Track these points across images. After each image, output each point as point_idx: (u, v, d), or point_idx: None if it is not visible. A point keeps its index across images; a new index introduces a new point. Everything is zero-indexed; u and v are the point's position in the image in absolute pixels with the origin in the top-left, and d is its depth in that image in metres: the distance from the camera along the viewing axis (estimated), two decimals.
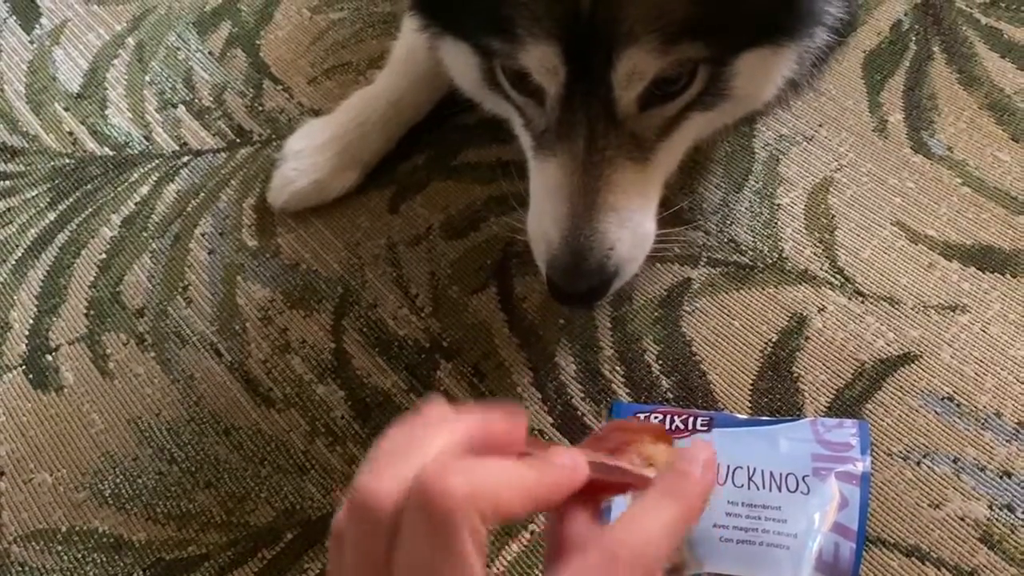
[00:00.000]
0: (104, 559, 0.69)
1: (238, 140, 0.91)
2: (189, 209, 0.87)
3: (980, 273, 0.71)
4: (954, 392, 0.66)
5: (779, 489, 0.62)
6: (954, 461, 0.63)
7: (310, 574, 0.66)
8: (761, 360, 0.70)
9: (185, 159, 0.90)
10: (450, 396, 0.72)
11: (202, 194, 0.87)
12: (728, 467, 0.63)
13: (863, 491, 0.61)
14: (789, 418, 0.66)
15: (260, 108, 0.92)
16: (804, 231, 0.76)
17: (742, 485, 0.62)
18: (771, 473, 0.62)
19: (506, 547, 0.65)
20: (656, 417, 0.67)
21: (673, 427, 0.66)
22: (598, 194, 0.59)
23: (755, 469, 0.63)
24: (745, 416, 0.67)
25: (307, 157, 0.83)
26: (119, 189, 0.89)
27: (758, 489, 0.62)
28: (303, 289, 0.80)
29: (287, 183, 0.82)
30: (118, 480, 0.72)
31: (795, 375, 0.69)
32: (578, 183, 0.59)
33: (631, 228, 0.61)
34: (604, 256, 0.60)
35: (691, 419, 0.66)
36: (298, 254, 0.82)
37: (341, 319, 0.77)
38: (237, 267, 0.82)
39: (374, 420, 0.72)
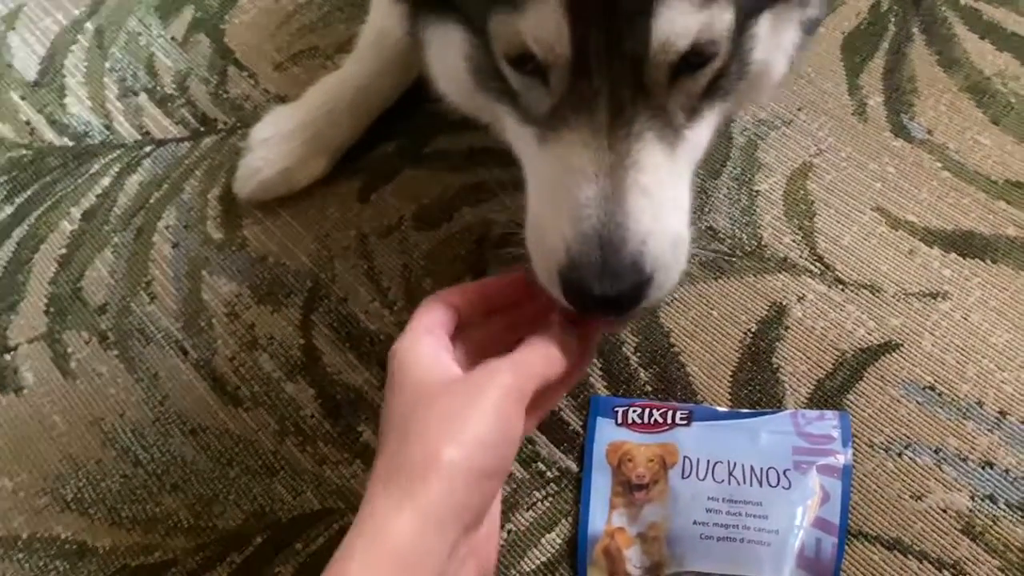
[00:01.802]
0: (67, 566, 0.67)
1: (202, 129, 0.88)
2: (152, 201, 0.84)
3: (961, 259, 0.70)
4: (935, 381, 0.65)
5: (760, 484, 0.61)
6: (936, 452, 0.63)
7: None
8: (741, 351, 0.68)
9: (147, 149, 0.87)
10: None
11: (165, 185, 0.85)
12: (708, 462, 0.62)
13: (845, 484, 0.60)
14: (769, 410, 0.65)
15: (225, 95, 0.89)
16: (783, 218, 0.74)
17: (722, 480, 0.61)
18: (751, 468, 0.61)
19: None
20: (635, 411, 0.66)
21: (652, 420, 0.65)
22: (627, 174, 0.48)
23: (735, 464, 0.61)
24: (725, 409, 0.66)
25: (273, 146, 0.80)
26: (79, 181, 0.86)
27: (739, 484, 0.61)
28: (271, 283, 0.77)
29: (253, 173, 0.80)
30: (81, 484, 0.70)
31: (775, 366, 0.67)
32: (599, 160, 0.48)
33: (666, 223, 0.49)
34: (638, 250, 0.48)
35: (670, 412, 0.65)
36: (265, 247, 0.79)
37: (310, 314, 0.75)
38: (202, 261, 0.79)
39: (345, 419, 0.70)
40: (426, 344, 0.50)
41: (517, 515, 0.64)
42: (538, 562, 0.62)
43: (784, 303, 0.70)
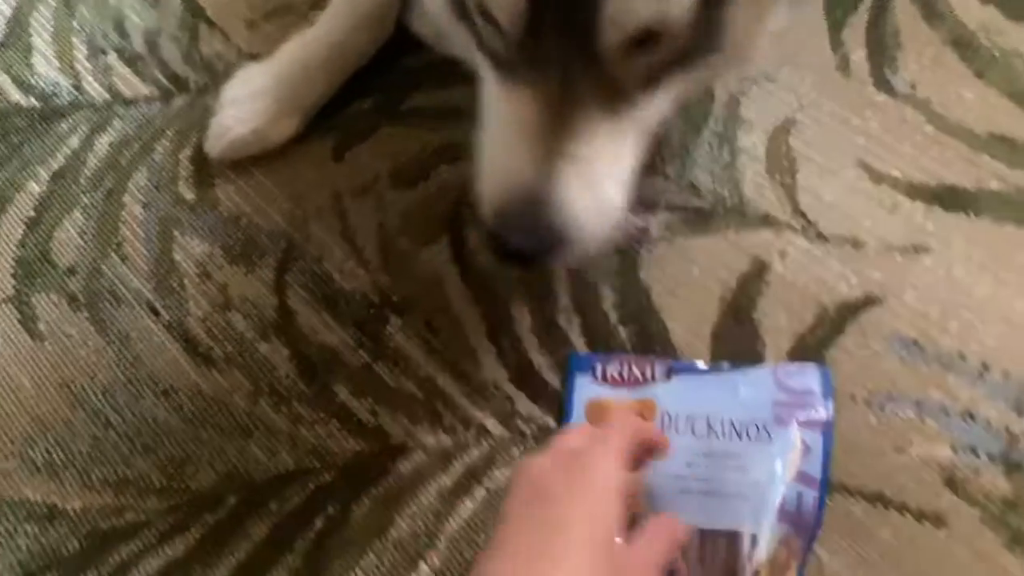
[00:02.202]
0: (37, 530, 0.65)
1: (173, 88, 0.86)
2: (122, 162, 0.82)
3: (944, 213, 0.69)
4: (918, 335, 0.64)
5: (740, 437, 0.60)
6: (917, 404, 0.62)
7: (254, 538, 0.63)
8: (721, 306, 0.68)
9: (117, 109, 0.85)
10: (400, 352, 0.69)
11: (136, 146, 0.83)
12: (688, 417, 0.61)
13: (826, 438, 0.60)
14: (749, 364, 0.64)
15: (196, 54, 0.87)
16: (765, 174, 0.73)
17: (702, 435, 0.60)
18: (731, 421, 0.60)
19: (461, 504, 0.62)
20: (614, 366, 0.65)
21: (631, 376, 0.64)
22: (562, 138, 0.50)
23: (715, 418, 0.61)
24: (704, 364, 0.65)
25: (245, 104, 0.78)
26: (47, 142, 0.84)
27: (718, 438, 0.60)
28: (244, 243, 0.76)
29: (224, 132, 0.78)
30: (50, 447, 0.68)
31: (756, 321, 0.66)
32: (542, 120, 0.50)
33: (594, 190, 0.52)
34: (557, 212, 0.51)
35: (650, 368, 0.64)
36: (238, 207, 0.78)
37: (284, 274, 0.74)
38: (174, 221, 0.78)
39: (320, 378, 0.68)
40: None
41: (495, 472, 0.63)
42: None
43: (765, 259, 0.69)
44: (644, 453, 0.53)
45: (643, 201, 0.73)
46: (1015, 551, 0.56)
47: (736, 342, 0.66)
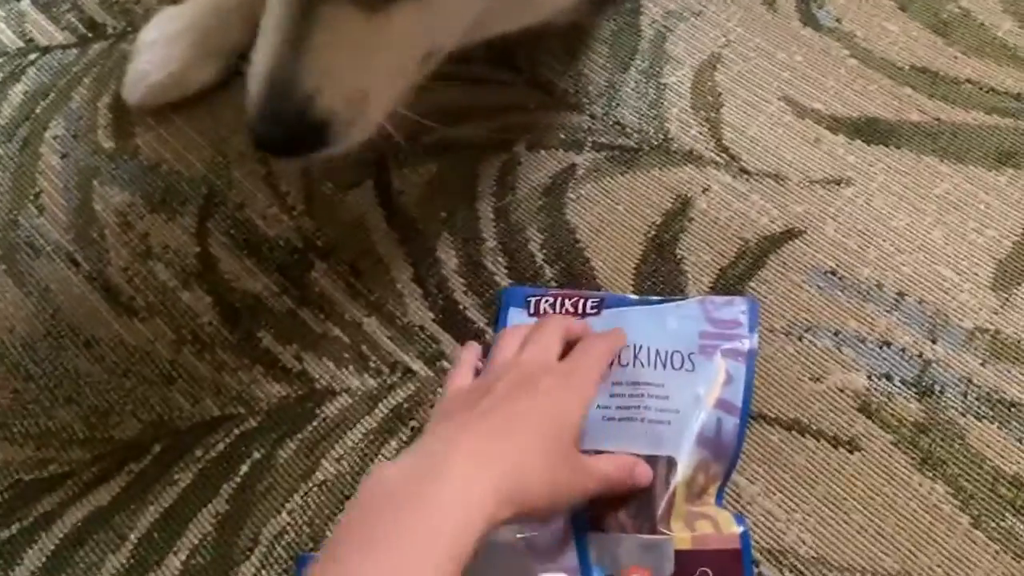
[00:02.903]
0: None
1: (90, 34, 0.83)
2: (38, 111, 0.79)
3: (865, 146, 0.70)
4: (837, 266, 0.65)
5: (664, 367, 0.60)
6: (835, 334, 0.63)
7: (180, 485, 0.63)
8: (645, 244, 0.68)
9: (32, 57, 0.83)
10: (325, 296, 0.68)
11: (52, 94, 0.80)
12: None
13: (749, 367, 0.60)
14: (680, 297, 0.65)
15: None
16: (690, 110, 0.73)
17: (627, 364, 0.61)
18: (657, 351, 0.61)
19: (386, 444, 0.63)
20: (547, 300, 0.65)
21: (563, 310, 0.64)
22: (312, 29, 0.51)
23: (641, 347, 0.61)
24: (636, 296, 0.65)
25: (162, 48, 0.76)
26: None
27: (643, 367, 0.60)
28: (165, 191, 0.74)
29: (142, 77, 0.76)
30: None
31: (678, 257, 0.67)
32: (293, 13, 0.50)
33: (345, 80, 0.53)
34: (304, 101, 0.52)
35: (581, 301, 0.64)
36: (158, 154, 0.76)
37: (206, 221, 0.72)
38: (93, 171, 0.76)
39: (244, 325, 0.68)
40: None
41: (422, 413, 0.63)
42: None
43: (689, 195, 0.69)
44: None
45: (570, 142, 0.73)
46: (925, 471, 0.58)
47: (659, 278, 0.66)
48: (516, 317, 0.65)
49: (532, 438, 0.49)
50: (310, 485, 0.61)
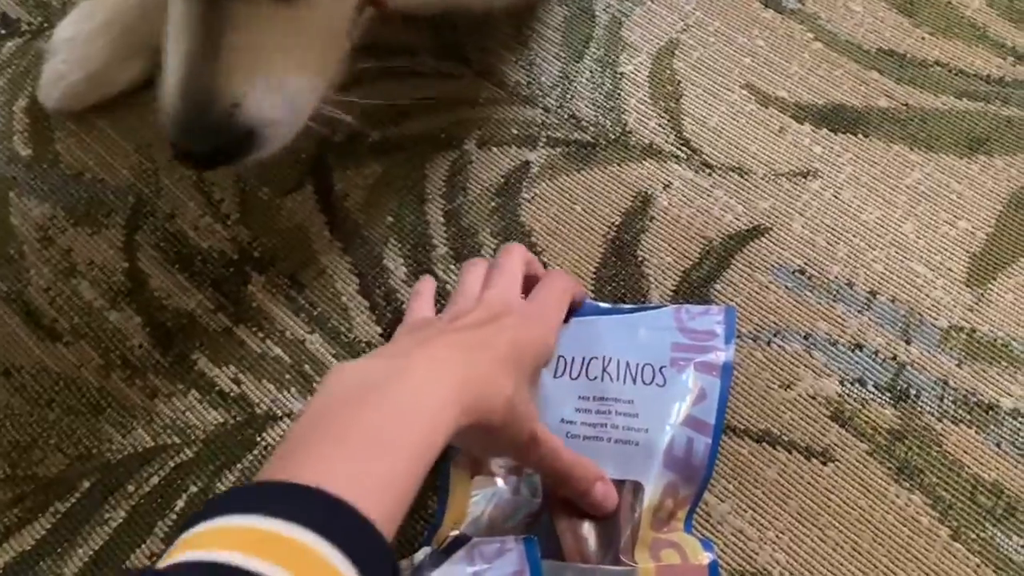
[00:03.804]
0: None
1: (3, 31, 0.77)
2: None
3: (832, 134, 0.66)
4: (805, 264, 0.62)
5: (633, 381, 0.56)
6: (805, 337, 0.60)
7: (111, 524, 0.58)
8: (604, 246, 0.64)
9: None
10: (264, 312, 0.64)
11: None
12: (584, 359, 0.57)
13: (723, 382, 0.56)
14: (654, 305, 0.61)
15: None
16: (648, 101, 0.69)
17: (595, 378, 0.57)
18: (627, 364, 0.57)
19: None
20: None
21: None
22: (224, 31, 0.47)
23: (610, 360, 0.57)
24: (607, 304, 0.61)
25: (80, 46, 0.70)
26: None
27: (611, 381, 0.56)
28: (88, 202, 0.69)
29: (58, 78, 0.70)
30: None
31: (640, 259, 0.63)
32: (200, 14, 0.47)
33: (269, 81, 0.49)
34: (228, 109, 0.49)
35: None
36: (81, 162, 0.71)
37: (134, 234, 0.67)
38: (9, 181, 0.70)
39: (177, 347, 0.63)
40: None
41: None
42: None
43: (649, 192, 0.65)
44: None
45: (523, 138, 0.68)
46: (901, 481, 0.55)
47: (620, 282, 0.63)
48: None
49: (496, 359, 0.47)
50: None
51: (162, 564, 0.32)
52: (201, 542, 0.33)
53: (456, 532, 0.50)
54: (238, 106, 0.49)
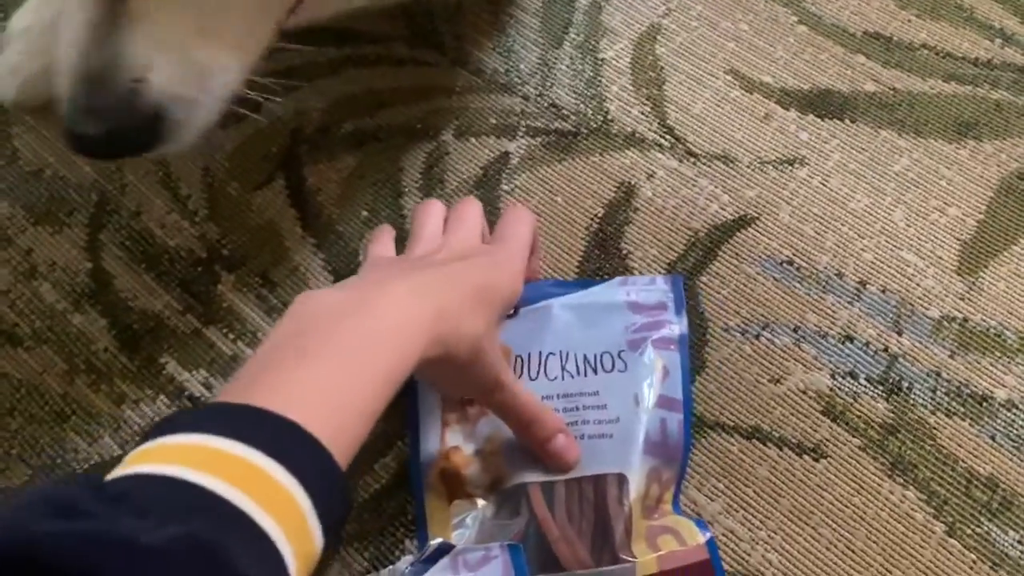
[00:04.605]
0: None
1: None
2: None
3: (819, 120, 0.65)
4: (793, 254, 0.60)
5: (595, 372, 0.55)
6: (795, 330, 0.58)
7: None
8: (587, 238, 0.62)
9: None
10: (235, 313, 0.61)
11: None
12: (540, 355, 0.55)
13: (683, 355, 0.55)
14: (598, 281, 0.59)
15: None
16: (631, 88, 0.67)
17: (556, 376, 0.55)
18: (584, 356, 0.55)
19: None
20: None
21: None
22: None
23: (567, 355, 0.55)
24: (551, 281, 0.59)
25: (37, 37, 0.67)
26: None
27: (572, 377, 0.55)
28: (49, 200, 0.66)
29: (15, 71, 0.67)
30: None
31: (624, 252, 0.61)
32: None
33: (179, 54, 0.43)
34: (130, 85, 0.42)
35: None
36: (41, 158, 0.67)
37: (98, 233, 0.64)
38: None
39: (144, 350, 0.60)
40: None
41: None
42: (372, 489, 0.56)
43: (633, 182, 0.63)
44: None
45: (502, 128, 0.66)
46: (895, 477, 0.54)
47: (604, 275, 0.60)
48: None
49: (467, 296, 0.46)
50: None
51: (110, 477, 0.32)
52: (150, 457, 0.33)
53: (439, 540, 0.48)
54: (142, 81, 0.43)
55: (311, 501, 0.33)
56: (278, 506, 0.32)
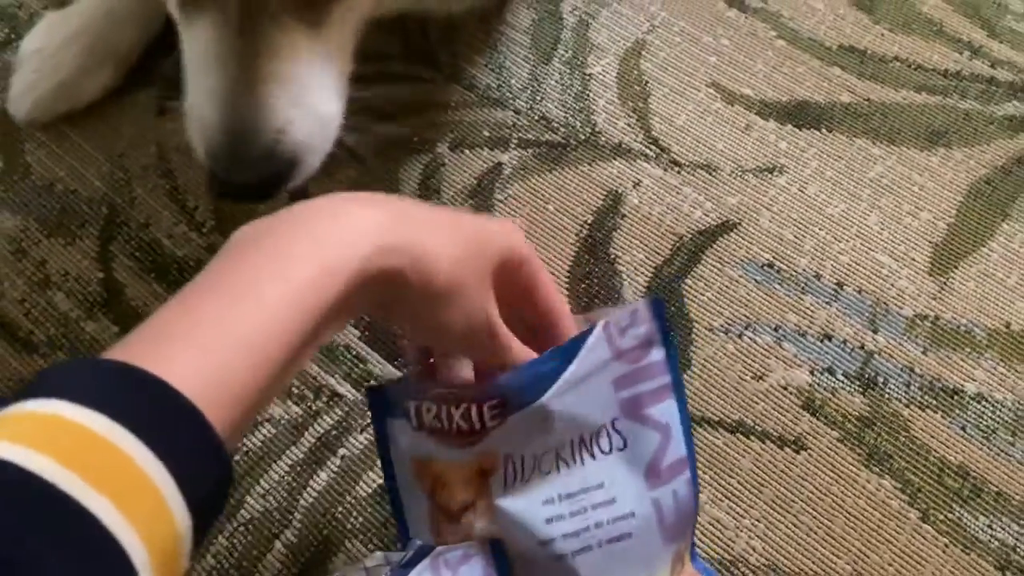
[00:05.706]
0: None
1: None
2: None
3: (797, 130, 0.68)
4: (774, 258, 0.63)
5: (592, 457, 0.46)
6: (775, 329, 0.61)
7: None
8: (577, 244, 0.65)
9: None
10: None
11: None
12: (534, 456, 0.46)
13: (679, 398, 0.48)
14: (580, 338, 0.46)
15: None
16: (617, 101, 0.70)
17: (552, 472, 0.46)
18: (580, 440, 0.46)
19: (315, 476, 0.59)
20: (429, 410, 0.46)
21: (455, 426, 0.45)
22: (261, 61, 0.47)
23: (563, 444, 0.46)
24: (537, 360, 0.46)
25: (49, 56, 0.70)
26: None
27: (569, 467, 0.46)
28: (61, 213, 0.69)
29: (27, 89, 0.70)
30: None
31: (612, 257, 0.64)
32: (234, 45, 0.46)
33: (308, 107, 0.49)
34: (274, 139, 0.48)
35: (475, 411, 0.45)
36: (52, 173, 0.70)
37: (109, 244, 0.67)
38: None
39: None
40: None
41: (351, 439, 0.60)
42: (375, 485, 0.58)
43: (620, 190, 0.66)
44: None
45: (495, 140, 0.69)
46: (872, 467, 0.56)
47: (593, 280, 0.64)
48: (400, 432, 0.48)
49: (435, 213, 0.42)
50: (235, 525, 0.58)
51: None
52: None
53: (419, 543, 0.46)
54: (283, 133, 0.48)
55: (169, 472, 0.28)
56: (118, 484, 0.27)
